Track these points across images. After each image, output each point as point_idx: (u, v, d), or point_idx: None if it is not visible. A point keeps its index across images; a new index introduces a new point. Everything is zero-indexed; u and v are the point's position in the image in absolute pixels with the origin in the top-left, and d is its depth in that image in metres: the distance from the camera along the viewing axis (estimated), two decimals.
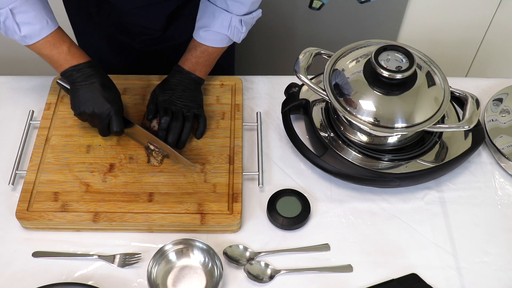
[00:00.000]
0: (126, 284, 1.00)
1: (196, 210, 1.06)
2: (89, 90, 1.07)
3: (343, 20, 1.92)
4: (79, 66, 1.08)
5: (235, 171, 1.12)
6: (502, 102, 1.25)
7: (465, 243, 1.07)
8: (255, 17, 1.17)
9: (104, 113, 1.08)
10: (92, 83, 1.08)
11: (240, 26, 1.14)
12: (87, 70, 1.08)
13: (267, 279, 1.01)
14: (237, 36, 1.16)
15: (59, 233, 1.06)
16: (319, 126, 1.17)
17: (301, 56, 1.16)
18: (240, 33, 1.16)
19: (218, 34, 1.15)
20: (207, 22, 1.14)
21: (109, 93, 1.09)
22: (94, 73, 1.08)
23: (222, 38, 1.16)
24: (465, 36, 1.93)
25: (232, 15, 1.13)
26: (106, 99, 1.08)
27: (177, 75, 1.17)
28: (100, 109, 1.08)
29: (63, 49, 1.07)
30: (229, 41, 1.18)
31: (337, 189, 1.14)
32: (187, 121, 1.14)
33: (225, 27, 1.14)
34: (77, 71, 1.08)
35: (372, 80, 1.07)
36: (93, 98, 1.07)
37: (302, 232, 1.08)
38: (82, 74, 1.08)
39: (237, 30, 1.15)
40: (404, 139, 1.13)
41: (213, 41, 1.16)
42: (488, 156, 1.20)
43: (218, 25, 1.14)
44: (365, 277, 1.02)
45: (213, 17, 1.13)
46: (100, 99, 1.07)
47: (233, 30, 1.14)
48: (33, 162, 1.12)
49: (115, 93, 1.11)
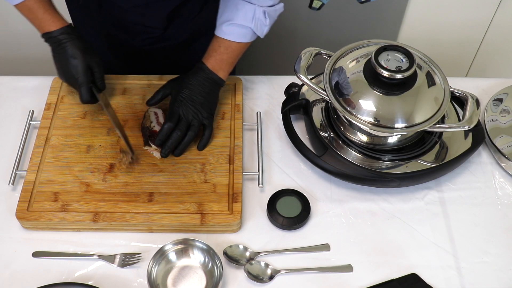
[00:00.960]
0: (126, 284, 1.00)
1: (196, 210, 1.06)
2: (60, 59, 1.08)
3: (343, 20, 1.92)
4: (52, 33, 1.07)
5: (235, 171, 1.12)
6: (502, 102, 1.25)
7: (465, 243, 1.07)
8: (278, 11, 1.15)
9: (72, 83, 1.09)
10: (63, 51, 1.07)
11: (264, 18, 1.12)
12: (59, 38, 1.07)
13: (267, 279, 1.01)
14: (261, 30, 1.14)
15: (59, 233, 1.06)
16: (319, 126, 1.17)
17: (301, 56, 1.16)
18: (264, 26, 1.13)
19: (242, 27, 1.12)
20: (230, 16, 1.12)
21: (78, 62, 1.07)
22: (66, 41, 1.07)
23: (246, 32, 1.13)
24: (465, 36, 1.93)
25: (256, 6, 1.10)
26: (73, 68, 1.07)
27: (199, 73, 1.15)
28: (67, 78, 1.09)
29: (37, 14, 1.07)
30: (252, 36, 1.15)
31: (337, 189, 1.14)
32: (191, 130, 1.12)
33: (249, 19, 1.11)
34: (50, 38, 1.07)
35: (372, 80, 1.07)
36: (63, 67, 1.08)
37: (302, 232, 1.08)
38: (54, 40, 1.07)
39: (261, 23, 1.12)
40: (404, 139, 1.13)
41: (237, 35, 1.13)
42: (488, 156, 1.20)
43: (241, 17, 1.11)
44: (365, 277, 1.02)
45: (236, 9, 1.11)
46: (68, 69, 1.07)
47: (257, 22, 1.12)
48: (33, 162, 1.12)
49: (85, 62, 1.09)
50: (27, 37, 1.89)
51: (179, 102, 1.13)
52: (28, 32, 1.87)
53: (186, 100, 1.13)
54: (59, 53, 1.07)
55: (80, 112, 1.21)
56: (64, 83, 1.21)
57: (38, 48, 1.93)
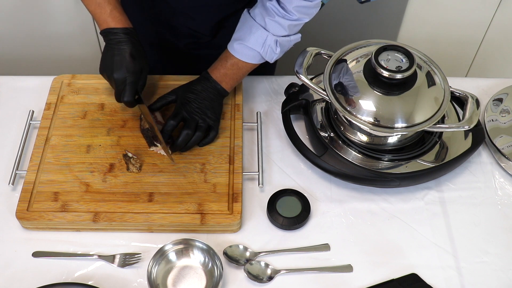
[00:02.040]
0: (126, 284, 1.00)
1: (196, 210, 1.06)
2: (115, 55, 1.09)
3: (343, 20, 1.92)
4: (115, 30, 1.09)
5: (235, 171, 1.12)
6: (502, 102, 1.25)
7: (465, 243, 1.07)
8: (293, 41, 1.14)
9: (119, 80, 1.09)
10: (121, 49, 1.09)
11: (274, 46, 1.12)
12: (121, 36, 1.09)
13: (267, 279, 1.01)
14: (270, 56, 1.14)
15: (59, 233, 1.06)
16: (319, 126, 1.17)
17: (301, 56, 1.16)
18: (274, 53, 1.13)
19: (251, 49, 1.12)
20: (242, 36, 1.13)
21: (133, 63, 1.09)
22: (127, 41, 1.09)
23: (254, 55, 1.13)
24: (465, 36, 1.93)
25: (269, 34, 1.10)
26: (127, 67, 1.08)
27: (203, 81, 1.17)
28: (118, 75, 1.09)
29: (106, 10, 1.09)
30: (260, 59, 1.15)
31: (337, 189, 1.14)
32: (198, 131, 1.13)
33: (259, 44, 1.11)
34: (112, 34, 1.09)
35: (372, 80, 1.07)
36: (116, 63, 1.09)
37: (302, 232, 1.08)
38: (115, 37, 1.09)
39: (270, 50, 1.12)
40: (404, 139, 1.13)
41: (245, 56, 1.14)
42: (488, 156, 1.20)
43: (253, 41, 1.11)
44: (365, 277, 1.02)
45: (249, 31, 1.12)
46: (121, 66, 1.09)
47: (266, 49, 1.12)
48: (33, 162, 1.12)
49: (138, 65, 1.11)
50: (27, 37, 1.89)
51: (185, 104, 1.14)
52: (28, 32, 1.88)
53: (192, 103, 1.14)
54: (116, 50, 1.09)
55: (80, 112, 1.21)
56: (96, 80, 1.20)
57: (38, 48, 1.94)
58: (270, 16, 1.09)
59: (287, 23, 1.10)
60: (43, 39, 1.89)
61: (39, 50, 1.94)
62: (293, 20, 1.10)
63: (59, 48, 1.93)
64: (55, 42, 1.90)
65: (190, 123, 1.12)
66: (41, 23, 1.83)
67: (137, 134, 1.17)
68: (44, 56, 1.96)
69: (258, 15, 1.11)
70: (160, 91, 1.25)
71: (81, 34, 1.89)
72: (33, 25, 1.85)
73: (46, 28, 1.85)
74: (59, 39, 1.90)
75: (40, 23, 1.84)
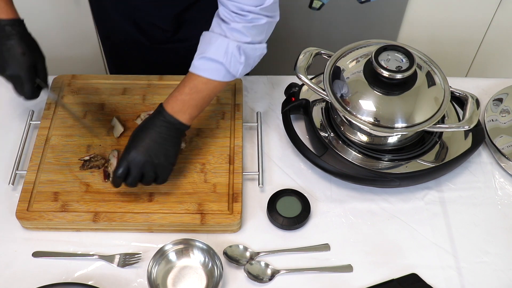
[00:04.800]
0: (126, 284, 1.00)
1: (196, 210, 1.06)
2: (4, 51, 1.05)
3: (343, 20, 1.92)
4: (2, 22, 1.04)
5: (235, 171, 1.12)
6: (502, 102, 1.25)
7: (465, 243, 1.07)
8: (258, 50, 1.03)
9: (14, 77, 1.06)
10: (9, 45, 1.04)
11: (238, 53, 1.00)
12: (8, 29, 1.04)
13: (267, 279, 1.01)
14: (235, 67, 1.01)
15: (59, 233, 1.06)
16: (319, 126, 1.17)
17: (301, 56, 1.16)
18: (238, 63, 1.01)
19: (212, 61, 1.01)
20: (202, 49, 1.03)
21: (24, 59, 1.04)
22: (15, 34, 1.05)
23: (217, 67, 1.01)
24: (465, 36, 1.93)
25: (230, 41, 1.00)
26: (18, 64, 1.04)
27: (157, 116, 1.03)
28: (11, 72, 1.05)
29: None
30: (226, 74, 1.02)
31: (337, 189, 1.14)
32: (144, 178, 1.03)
33: (221, 53, 1.00)
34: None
35: (372, 80, 1.07)
36: (7, 61, 1.05)
37: (302, 232, 1.08)
38: (2, 32, 1.04)
39: (234, 59, 1.00)
40: (404, 139, 1.13)
41: (208, 71, 1.02)
42: (488, 156, 1.20)
43: (213, 51, 1.01)
44: (365, 277, 1.02)
45: (209, 43, 1.02)
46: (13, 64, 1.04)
47: (229, 58, 1.00)
48: (33, 162, 1.12)
49: (31, 59, 1.06)
50: None
51: (131, 148, 1.02)
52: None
53: (139, 146, 1.02)
54: (4, 45, 1.04)
55: (80, 112, 1.21)
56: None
57: None
58: (226, 23, 1.01)
59: (240, 26, 0.99)
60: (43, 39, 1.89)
61: None
62: (247, 22, 1.00)
63: (59, 48, 1.93)
64: (55, 42, 1.90)
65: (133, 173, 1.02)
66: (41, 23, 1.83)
67: None
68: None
69: (215, 26, 1.03)
70: (160, 91, 1.25)
71: (81, 34, 1.89)
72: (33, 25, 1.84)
73: (46, 28, 1.85)
74: (59, 39, 1.90)
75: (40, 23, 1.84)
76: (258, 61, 1.06)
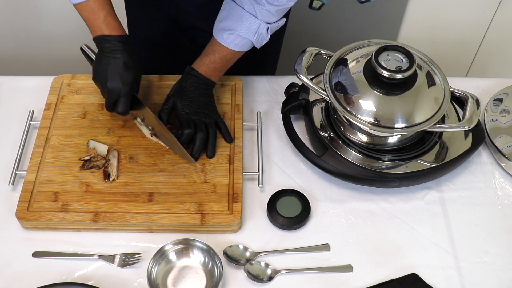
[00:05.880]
0: (126, 284, 1.00)
1: (196, 210, 1.06)
2: (109, 63, 1.07)
3: (343, 20, 1.92)
4: (109, 37, 1.07)
5: (235, 171, 1.12)
6: (502, 102, 1.25)
7: (465, 243, 1.07)
8: (279, 25, 1.15)
9: (114, 91, 1.08)
10: (115, 58, 1.07)
11: (266, 33, 1.12)
12: (115, 44, 1.07)
13: (267, 279, 1.01)
14: (260, 43, 1.14)
15: (59, 233, 1.06)
16: (319, 126, 1.17)
17: (301, 56, 1.16)
18: (264, 40, 1.14)
19: (242, 38, 1.12)
20: (233, 25, 1.11)
21: (127, 73, 1.08)
22: (121, 49, 1.08)
23: (245, 43, 1.13)
24: (465, 36, 1.93)
25: (261, 22, 1.10)
26: (121, 78, 1.07)
27: (192, 79, 1.16)
28: (112, 85, 1.08)
29: (100, 16, 1.07)
30: (250, 46, 1.15)
31: (337, 189, 1.14)
32: (210, 128, 1.14)
33: (252, 33, 1.11)
34: (106, 41, 1.08)
35: (372, 80, 1.07)
36: (110, 73, 1.07)
37: (302, 232, 1.08)
38: (109, 45, 1.07)
39: (262, 37, 1.13)
40: (404, 139, 1.13)
41: (236, 45, 1.13)
42: (488, 156, 1.20)
43: (244, 30, 1.11)
44: (365, 277, 1.02)
45: (240, 21, 1.10)
46: (115, 76, 1.07)
47: (258, 37, 1.12)
48: (33, 162, 1.12)
49: (133, 75, 1.09)
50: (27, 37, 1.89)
51: (186, 108, 1.14)
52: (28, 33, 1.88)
53: (192, 104, 1.15)
54: (111, 58, 1.08)
55: (80, 112, 1.21)
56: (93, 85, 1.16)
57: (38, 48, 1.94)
58: (260, 4, 1.08)
59: (275, 9, 1.09)
60: (42, 39, 1.89)
61: (39, 50, 1.94)
62: (281, 6, 1.09)
63: (59, 48, 1.93)
64: (55, 42, 1.90)
65: (200, 126, 1.13)
66: (41, 23, 1.83)
67: (137, 134, 1.17)
68: (44, 56, 1.96)
69: (246, 3, 1.09)
70: (160, 91, 1.25)
71: (81, 34, 1.89)
72: (33, 25, 1.85)
73: (46, 28, 1.85)
74: (59, 39, 1.90)
75: (40, 23, 1.84)
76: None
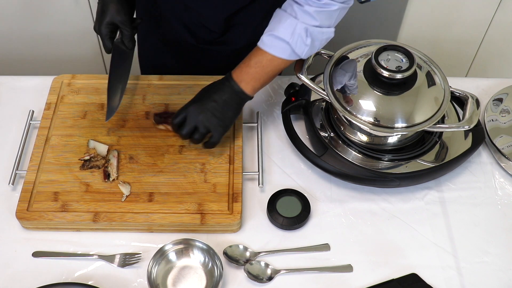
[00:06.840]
0: (126, 284, 1.00)
1: (196, 210, 1.06)
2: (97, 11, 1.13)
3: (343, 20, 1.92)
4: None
5: (235, 171, 1.12)
6: (502, 102, 1.25)
7: (465, 243, 1.07)
8: (325, 34, 1.06)
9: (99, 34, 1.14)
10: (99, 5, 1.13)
11: (304, 35, 1.04)
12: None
13: (267, 279, 1.01)
14: (300, 48, 1.05)
15: (59, 233, 1.06)
16: (319, 126, 1.17)
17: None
18: (304, 44, 1.04)
19: (279, 40, 1.05)
20: (271, 27, 1.07)
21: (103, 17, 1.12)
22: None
23: (283, 46, 1.05)
24: (465, 36, 1.93)
25: (298, 22, 1.03)
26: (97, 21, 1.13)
27: (224, 82, 1.11)
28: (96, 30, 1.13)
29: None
30: (291, 54, 1.06)
31: (337, 189, 1.14)
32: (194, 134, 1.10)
33: (289, 33, 1.04)
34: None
35: (372, 80, 1.07)
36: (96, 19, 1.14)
37: (302, 232, 1.08)
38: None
39: (300, 40, 1.04)
40: (404, 139, 1.13)
41: (274, 48, 1.06)
42: (488, 156, 1.20)
43: (281, 30, 1.05)
44: (365, 277, 1.02)
45: (279, 22, 1.06)
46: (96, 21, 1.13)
47: (296, 38, 1.04)
48: (33, 162, 1.12)
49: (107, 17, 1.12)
50: (27, 37, 1.89)
51: (192, 101, 1.11)
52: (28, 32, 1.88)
53: (200, 101, 1.10)
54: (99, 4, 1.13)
55: (80, 112, 1.21)
56: None
57: (38, 48, 1.94)
58: (299, 4, 1.04)
59: (313, 9, 1.02)
60: (43, 39, 1.89)
61: (39, 50, 1.94)
62: (319, 7, 1.02)
63: (59, 48, 1.93)
64: (55, 42, 1.90)
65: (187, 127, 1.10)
66: (41, 23, 1.83)
67: (137, 134, 1.17)
68: (44, 56, 1.96)
69: (287, 5, 1.06)
70: (160, 91, 1.25)
71: (81, 34, 1.89)
72: (33, 25, 1.85)
73: (46, 28, 1.85)
74: (59, 39, 1.90)
75: (40, 23, 1.84)
76: (325, 44, 1.09)
